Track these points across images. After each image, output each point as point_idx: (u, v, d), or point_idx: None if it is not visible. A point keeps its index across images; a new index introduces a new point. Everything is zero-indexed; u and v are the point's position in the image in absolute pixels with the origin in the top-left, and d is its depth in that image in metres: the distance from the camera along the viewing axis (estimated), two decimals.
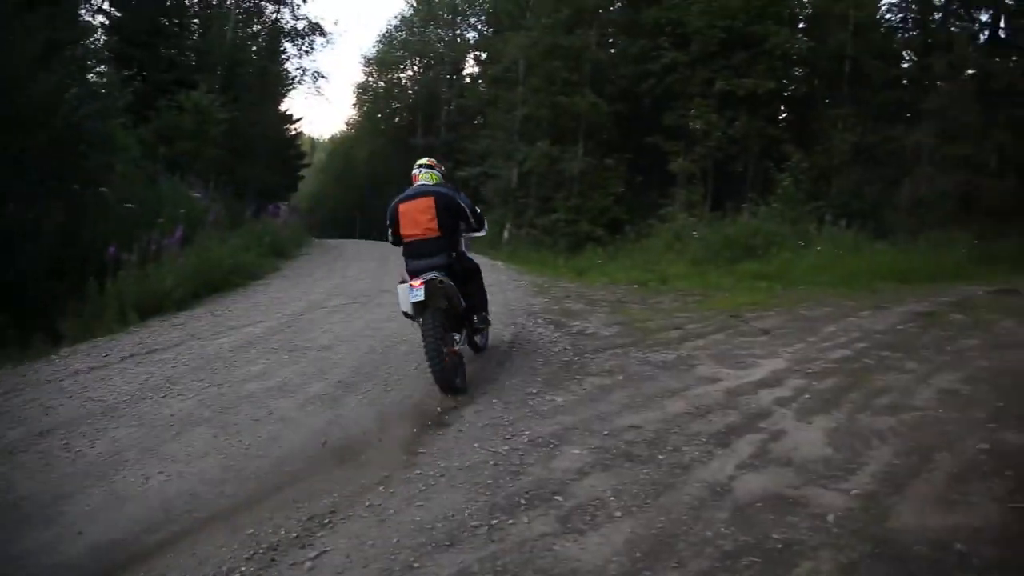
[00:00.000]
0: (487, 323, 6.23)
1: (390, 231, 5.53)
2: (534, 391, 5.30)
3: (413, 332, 6.85)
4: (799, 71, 20.50)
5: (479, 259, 7.02)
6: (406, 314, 5.18)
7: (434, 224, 5.27)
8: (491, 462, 4.01)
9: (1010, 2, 17.89)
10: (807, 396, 5.17)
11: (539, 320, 8.03)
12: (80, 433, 4.41)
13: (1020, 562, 3.02)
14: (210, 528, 3.39)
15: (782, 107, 21.80)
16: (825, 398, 5.13)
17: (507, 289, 10.15)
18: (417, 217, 5.30)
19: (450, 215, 5.39)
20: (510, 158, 19.67)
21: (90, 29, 17.60)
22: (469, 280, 5.74)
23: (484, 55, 29.38)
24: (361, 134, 39.63)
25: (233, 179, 15.95)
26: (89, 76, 11.59)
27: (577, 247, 16.71)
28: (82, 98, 7.98)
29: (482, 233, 5.99)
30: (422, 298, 4.90)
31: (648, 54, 18.56)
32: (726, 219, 14.80)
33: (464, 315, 5.66)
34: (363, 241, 24.55)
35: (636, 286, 10.89)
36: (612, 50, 20.59)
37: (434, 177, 5.68)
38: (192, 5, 22.71)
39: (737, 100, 17.51)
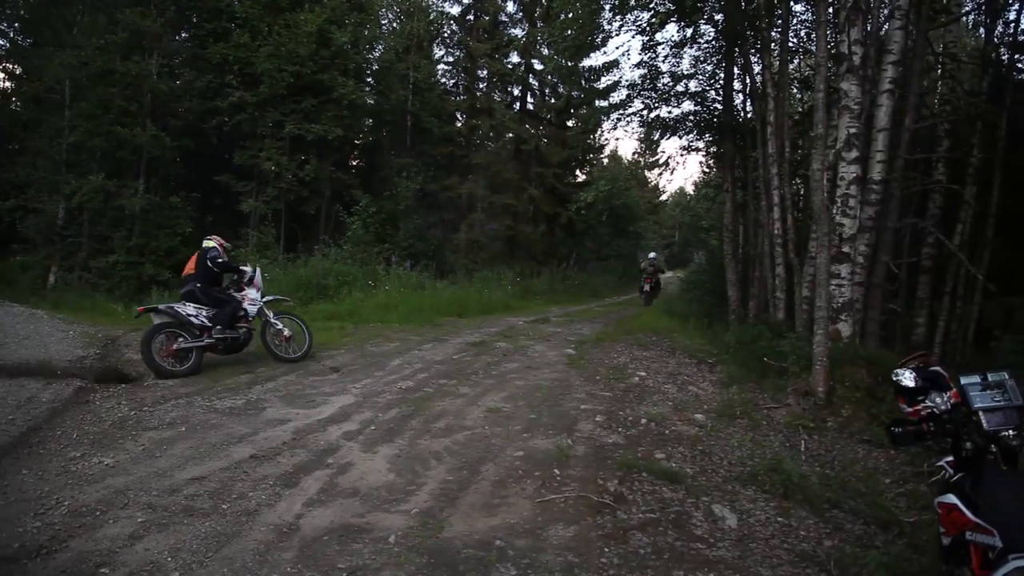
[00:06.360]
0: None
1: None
2: (78, 454, 4.73)
3: None
4: (368, 121, 21.93)
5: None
6: None
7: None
8: (16, 544, 3.45)
9: (533, 82, 21.83)
10: (373, 428, 5.50)
11: (89, 374, 7.19)
12: None
13: (541, 545, 3.59)
14: None
15: (353, 154, 23.15)
16: (389, 428, 5.51)
17: (50, 342, 8.88)
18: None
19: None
20: (56, 191, 17.20)
21: None
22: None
23: (19, 69, 25.28)
24: None
25: None
26: None
27: (140, 291, 15.23)
28: None
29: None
30: None
31: (216, 90, 18.06)
32: (299, 260, 15.05)
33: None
34: None
35: None
36: (177, 82, 19.39)
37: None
38: None
39: (307, 144, 17.98)
